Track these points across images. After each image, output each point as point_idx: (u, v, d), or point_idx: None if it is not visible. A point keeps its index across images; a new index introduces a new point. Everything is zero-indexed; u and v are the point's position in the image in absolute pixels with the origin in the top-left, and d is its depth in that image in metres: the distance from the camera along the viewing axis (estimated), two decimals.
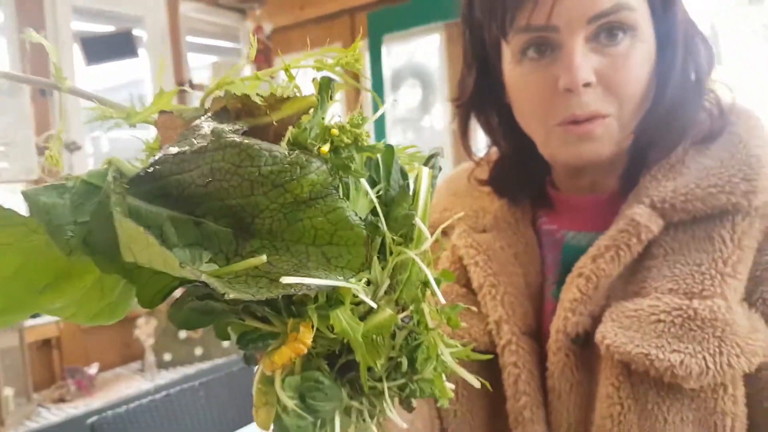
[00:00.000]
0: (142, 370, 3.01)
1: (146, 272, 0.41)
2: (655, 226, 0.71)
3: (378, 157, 0.44)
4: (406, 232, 0.43)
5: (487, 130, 0.88)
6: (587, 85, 0.69)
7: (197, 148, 0.39)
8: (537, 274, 0.83)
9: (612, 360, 0.70)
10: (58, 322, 2.84)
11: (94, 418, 1.83)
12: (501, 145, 0.87)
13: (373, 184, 0.44)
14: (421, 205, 0.44)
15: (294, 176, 0.38)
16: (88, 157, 3.17)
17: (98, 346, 2.99)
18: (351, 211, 0.38)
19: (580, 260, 0.76)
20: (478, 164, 0.90)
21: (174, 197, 0.40)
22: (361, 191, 0.41)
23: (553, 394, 0.77)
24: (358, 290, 0.38)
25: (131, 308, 0.47)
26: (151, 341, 2.94)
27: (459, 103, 0.86)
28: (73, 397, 2.69)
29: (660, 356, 0.66)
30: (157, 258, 0.36)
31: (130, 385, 2.82)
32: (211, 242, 0.40)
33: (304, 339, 0.40)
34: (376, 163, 0.45)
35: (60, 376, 2.83)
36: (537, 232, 0.87)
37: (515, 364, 0.78)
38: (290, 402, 0.42)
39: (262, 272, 0.37)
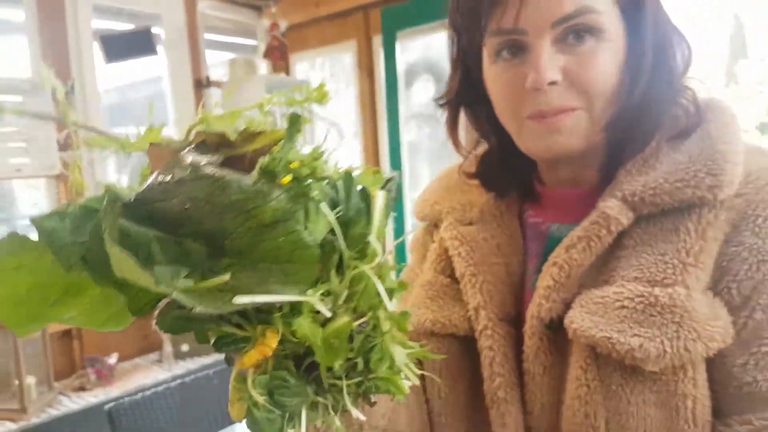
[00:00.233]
0: (160, 361, 3.08)
1: (135, 286, 0.47)
2: (625, 218, 0.75)
3: (339, 182, 0.49)
4: (361, 248, 0.48)
5: (475, 125, 0.92)
6: (553, 83, 0.74)
7: (178, 178, 0.45)
8: (519, 264, 0.88)
9: (580, 344, 0.74)
10: None
11: (112, 404, 1.91)
12: (489, 139, 0.92)
13: (336, 206, 0.49)
14: (376, 224, 0.49)
15: (258, 204, 0.44)
16: (108, 157, 3.22)
17: (117, 336, 3.04)
18: (306, 234, 0.43)
19: (555, 250, 0.80)
20: (466, 158, 0.95)
21: (159, 220, 0.46)
22: (321, 214, 0.46)
23: (528, 376, 0.81)
24: (313, 301, 0.43)
25: None
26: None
27: (443, 101, 0.91)
28: (92, 386, 2.76)
29: (621, 340, 0.70)
30: (138, 277, 0.42)
31: (148, 375, 2.89)
32: (190, 259, 0.46)
33: (270, 343, 0.46)
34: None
35: (80, 366, 2.90)
36: (523, 224, 0.91)
37: (490, 347, 0.83)
38: (260, 398, 0.47)
39: (228, 287, 0.42)
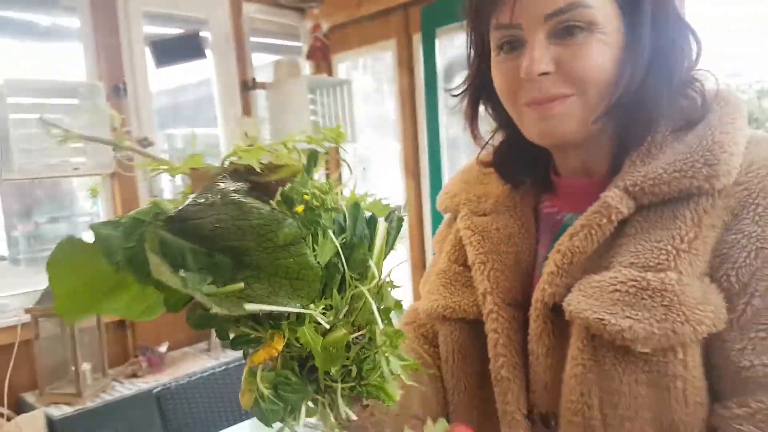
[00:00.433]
0: (208, 350, 3.18)
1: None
2: (625, 207, 0.78)
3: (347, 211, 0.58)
4: (362, 270, 0.57)
5: (492, 116, 0.97)
6: (545, 73, 0.78)
7: (211, 202, 0.55)
8: (529, 252, 0.92)
9: (578, 326, 0.78)
10: None
11: (159, 388, 2.03)
12: (504, 129, 0.97)
13: (344, 231, 0.58)
14: (377, 250, 0.58)
15: (273, 228, 0.53)
16: (161, 153, 3.34)
17: (168, 326, 3.15)
18: (312, 257, 0.52)
19: (560, 238, 0.83)
20: (483, 147, 1.00)
21: (194, 235, 0.55)
22: (329, 239, 0.55)
23: (532, 357, 0.85)
24: (313, 313, 0.53)
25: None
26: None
27: (457, 92, 0.97)
28: (144, 373, 2.85)
29: (612, 321, 0.73)
30: (170, 280, 0.52)
31: (197, 363, 2.97)
32: (217, 269, 0.55)
33: (277, 345, 0.55)
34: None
35: (133, 354, 3.01)
36: (539, 215, 0.95)
37: (495, 330, 0.88)
38: (266, 391, 0.56)
39: (243, 295, 0.52)
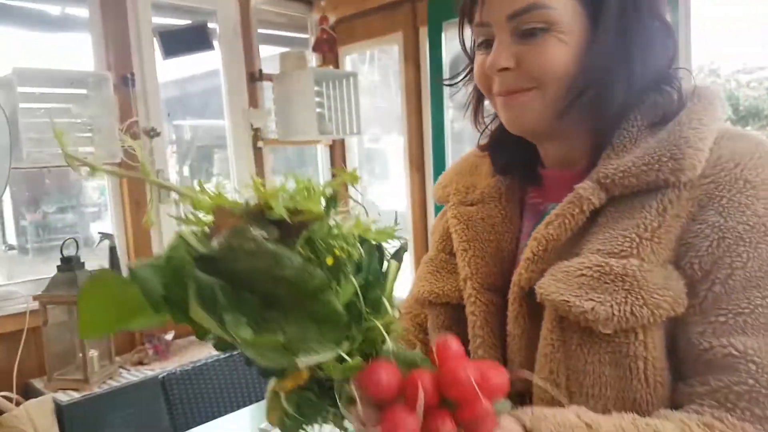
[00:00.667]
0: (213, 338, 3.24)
1: None
2: (597, 199, 0.82)
3: (365, 252, 0.63)
4: (376, 305, 0.62)
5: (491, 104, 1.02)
6: (505, 69, 0.85)
7: (244, 249, 0.57)
8: (510, 241, 0.98)
9: (549, 308, 0.82)
10: None
11: (164, 374, 2.08)
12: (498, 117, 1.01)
13: (360, 268, 0.62)
14: (388, 287, 0.63)
15: (305, 279, 0.57)
16: (168, 144, 3.37)
17: None
18: (339, 305, 0.57)
19: (537, 227, 0.88)
20: (482, 133, 1.06)
21: (225, 276, 0.58)
22: (350, 281, 0.60)
23: (510, 338, 0.91)
24: (340, 353, 0.58)
25: None
26: None
27: (451, 82, 1.04)
28: (150, 360, 2.90)
29: (577, 303, 0.77)
30: (211, 326, 0.57)
31: (202, 351, 3.00)
32: (245, 306, 0.58)
33: (303, 375, 0.60)
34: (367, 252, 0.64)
35: (139, 342, 3.06)
36: (524, 206, 1.01)
37: (473, 312, 0.94)
38: (290, 410, 0.62)
39: (280, 343, 0.56)
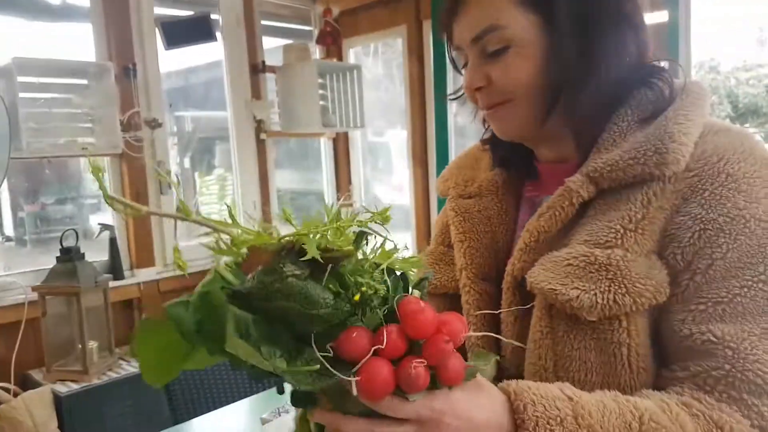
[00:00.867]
0: None
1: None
2: (586, 192, 0.85)
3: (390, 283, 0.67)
4: None
5: None
6: (479, 88, 0.91)
7: (277, 288, 0.61)
8: (506, 232, 1.01)
9: (539, 296, 0.86)
10: (139, 284, 3.09)
11: None
12: None
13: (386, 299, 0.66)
14: None
15: (337, 317, 0.62)
16: (169, 135, 3.35)
17: None
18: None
19: (530, 219, 0.92)
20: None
21: (257, 309, 0.62)
22: (375, 313, 0.64)
23: (503, 325, 0.94)
24: None
25: None
26: None
27: (453, 98, 1.06)
28: None
29: (563, 291, 0.81)
30: (250, 357, 0.60)
31: None
32: (278, 338, 0.62)
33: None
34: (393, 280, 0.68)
35: None
36: (521, 199, 1.04)
37: (467, 301, 0.98)
38: None
39: (316, 370, 0.61)
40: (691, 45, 2.72)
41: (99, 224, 3.00)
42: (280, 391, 0.71)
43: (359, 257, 0.66)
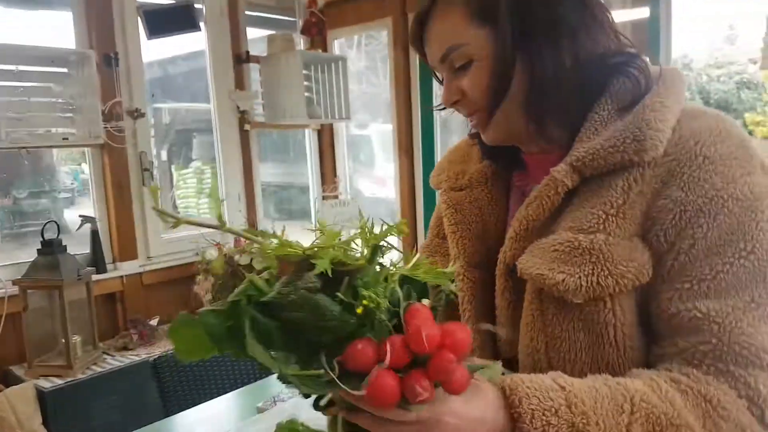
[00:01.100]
0: None
1: None
2: (570, 180, 0.89)
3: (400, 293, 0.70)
4: None
5: None
6: (456, 102, 0.96)
7: (292, 300, 0.66)
8: (496, 222, 1.05)
9: (530, 281, 0.90)
10: (122, 277, 3.05)
11: (155, 357, 2.04)
12: None
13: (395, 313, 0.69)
14: None
15: (344, 328, 0.66)
16: (151, 127, 3.30)
17: (159, 300, 3.17)
18: None
19: (519, 208, 0.96)
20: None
21: (279, 318, 0.67)
22: (384, 325, 0.66)
23: (497, 311, 1.00)
24: None
25: None
26: (209, 296, 3.09)
27: (437, 108, 1.08)
28: (135, 345, 2.88)
29: (549, 276, 0.85)
30: (264, 359, 0.65)
31: None
32: (296, 345, 0.67)
33: None
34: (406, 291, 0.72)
35: (123, 327, 3.02)
36: (511, 189, 1.08)
37: (461, 289, 1.04)
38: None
39: (321, 376, 0.65)
40: (671, 41, 2.77)
41: (80, 216, 2.95)
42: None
43: (377, 269, 0.69)
